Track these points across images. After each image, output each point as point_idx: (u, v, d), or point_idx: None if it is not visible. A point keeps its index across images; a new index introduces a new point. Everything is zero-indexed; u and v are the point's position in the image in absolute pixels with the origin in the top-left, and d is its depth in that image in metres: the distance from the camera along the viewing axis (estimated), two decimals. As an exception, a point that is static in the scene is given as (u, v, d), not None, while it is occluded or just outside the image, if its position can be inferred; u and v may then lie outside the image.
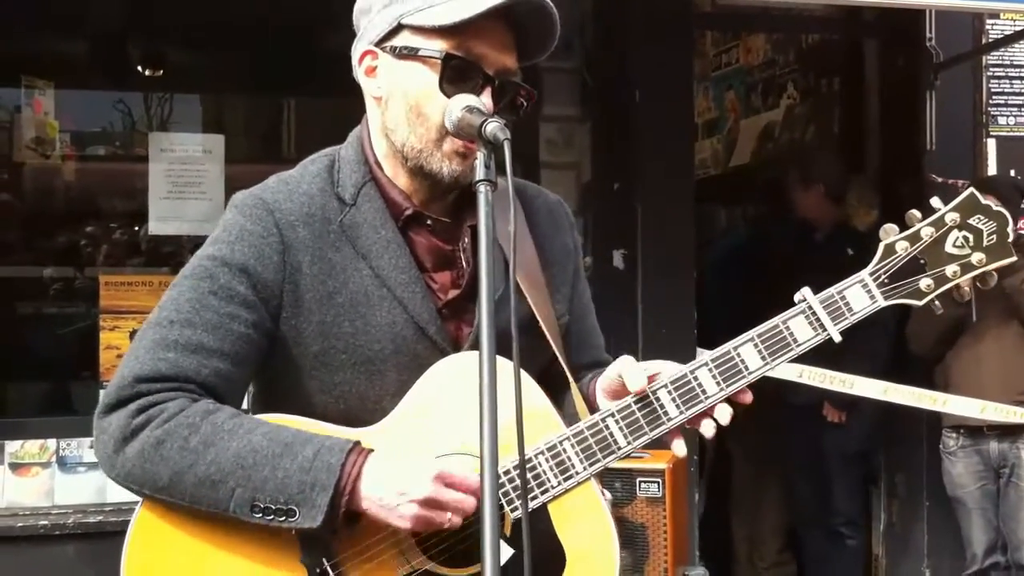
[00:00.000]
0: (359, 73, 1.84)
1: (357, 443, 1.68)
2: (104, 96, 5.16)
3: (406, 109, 1.76)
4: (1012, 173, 5.32)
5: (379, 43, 1.79)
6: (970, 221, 1.71)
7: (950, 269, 1.72)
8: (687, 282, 4.78)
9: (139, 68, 5.15)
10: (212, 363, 1.70)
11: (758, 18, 5.77)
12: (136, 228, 4.82)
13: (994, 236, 1.71)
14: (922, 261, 1.72)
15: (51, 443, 4.30)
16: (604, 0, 4.54)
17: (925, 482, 5.21)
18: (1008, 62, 5.48)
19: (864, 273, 1.72)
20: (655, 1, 4.17)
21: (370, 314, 1.76)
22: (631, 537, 3.50)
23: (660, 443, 1.78)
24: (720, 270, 5.87)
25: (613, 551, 1.73)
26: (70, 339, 4.83)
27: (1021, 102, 5.47)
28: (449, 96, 1.71)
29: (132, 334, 4.43)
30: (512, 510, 1.71)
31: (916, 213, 1.73)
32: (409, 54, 1.75)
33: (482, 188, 1.54)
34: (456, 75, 1.72)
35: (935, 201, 1.73)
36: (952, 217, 1.71)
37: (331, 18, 4.84)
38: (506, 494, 1.71)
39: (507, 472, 1.69)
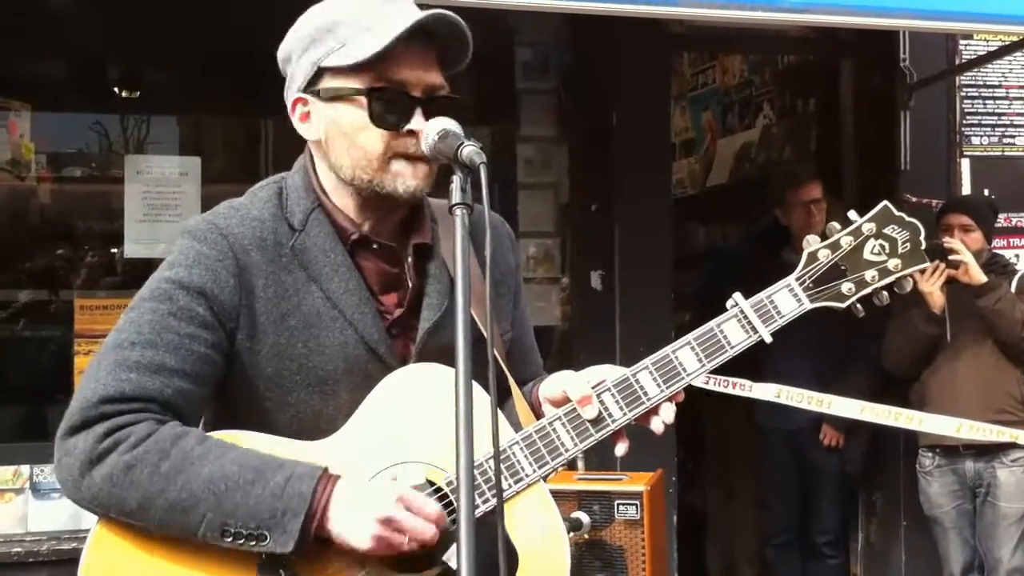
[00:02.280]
0: (293, 120, 1.88)
1: (325, 470, 1.71)
2: (80, 118, 5.14)
3: (346, 147, 1.81)
4: (986, 192, 5.36)
5: (306, 89, 1.84)
6: (885, 231, 1.84)
7: (869, 274, 1.83)
8: (665, 302, 4.79)
9: (115, 90, 5.13)
10: (174, 383, 1.73)
11: (734, 39, 5.81)
12: (112, 250, 4.79)
13: (908, 244, 1.84)
14: (843, 267, 1.84)
15: (24, 469, 4.27)
16: (581, 21, 4.55)
17: (903, 501, 5.22)
18: (981, 82, 5.52)
19: (791, 278, 1.84)
20: (632, 22, 4.19)
21: (322, 335, 1.81)
22: (609, 560, 3.49)
23: (605, 444, 1.85)
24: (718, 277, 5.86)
25: (564, 550, 1.80)
26: (44, 363, 4.79)
27: (994, 122, 5.52)
28: (381, 127, 1.77)
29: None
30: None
31: (835, 224, 1.85)
32: (336, 96, 1.81)
33: (458, 211, 1.58)
34: (383, 105, 1.78)
35: (852, 214, 1.86)
36: (869, 227, 1.84)
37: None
38: (459, 499, 1.71)
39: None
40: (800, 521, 5.40)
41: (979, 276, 4.42)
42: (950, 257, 4.43)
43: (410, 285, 1.88)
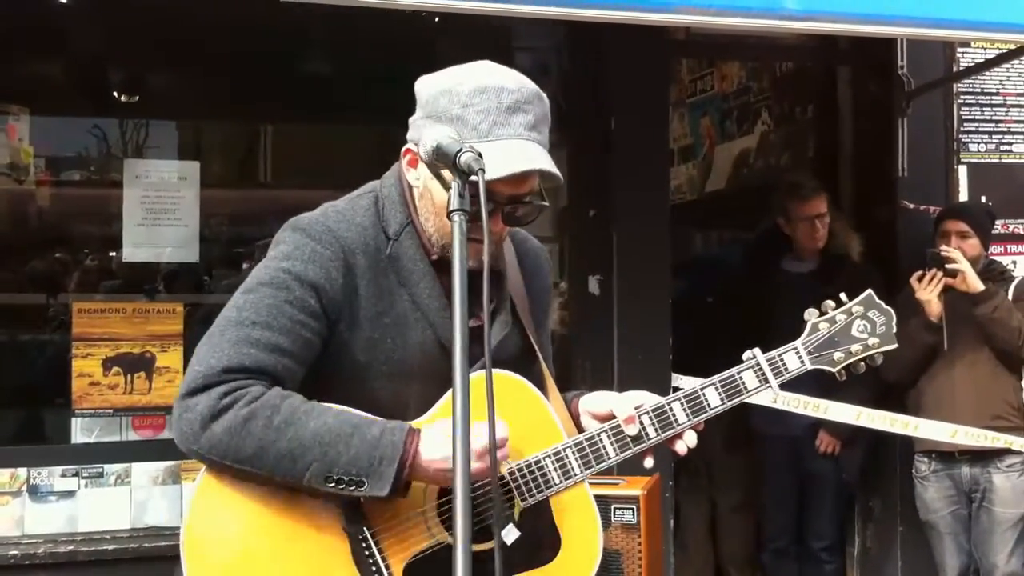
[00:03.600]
0: (403, 159, 2.11)
1: (411, 425, 1.98)
2: (79, 122, 5.14)
3: (432, 211, 2.07)
4: (983, 199, 5.37)
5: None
6: (868, 314, 2.26)
7: (854, 347, 2.25)
8: (662, 308, 4.80)
9: (115, 94, 5.14)
10: (284, 362, 1.99)
11: (732, 46, 5.82)
12: (110, 254, 4.80)
13: (884, 327, 2.27)
14: (836, 339, 2.25)
15: (22, 472, 4.27)
16: (580, 27, 4.56)
17: (899, 507, 5.22)
18: (979, 90, 5.54)
19: (797, 343, 2.24)
20: (630, 28, 4.20)
21: (408, 334, 2.07)
22: (606, 564, 3.47)
23: (633, 460, 2.17)
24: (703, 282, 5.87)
25: (599, 538, 2.13)
26: (42, 366, 4.79)
27: (991, 129, 5.53)
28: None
29: (105, 361, 4.40)
30: (522, 499, 2.07)
31: (831, 303, 2.26)
32: (436, 175, 1.96)
33: (456, 218, 1.66)
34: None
35: (843, 296, 2.27)
36: (857, 309, 2.26)
37: (307, 45, 4.86)
38: (518, 487, 2.07)
39: (520, 470, 2.07)
40: (797, 526, 5.41)
41: (976, 284, 4.42)
42: (947, 266, 4.44)
43: (487, 303, 2.00)
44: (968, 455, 4.56)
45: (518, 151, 1.95)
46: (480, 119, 1.95)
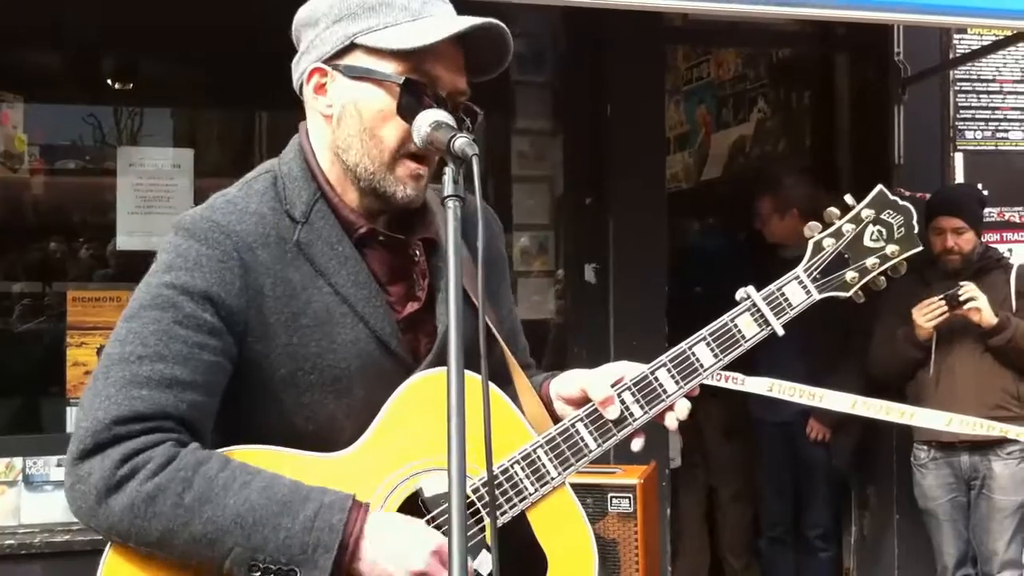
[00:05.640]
0: (306, 90, 1.81)
1: (355, 499, 1.66)
2: (73, 110, 5.12)
3: (359, 130, 1.75)
4: (980, 187, 5.36)
5: (329, 60, 1.77)
6: (882, 216, 1.87)
7: (870, 261, 1.86)
8: (659, 296, 4.79)
9: (109, 81, 5.12)
10: (188, 396, 1.65)
11: (729, 33, 5.80)
12: (104, 243, 4.78)
13: (903, 228, 1.87)
14: (846, 256, 1.86)
15: (17, 461, 4.27)
16: (576, 14, 4.55)
17: (895, 495, 5.23)
18: (975, 77, 5.52)
19: (799, 270, 1.86)
20: (626, 15, 4.19)
21: (334, 332, 1.74)
22: (602, 554, 3.45)
23: (622, 443, 1.84)
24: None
25: (591, 551, 1.78)
26: (37, 355, 4.78)
27: (988, 116, 5.52)
28: (406, 120, 1.70)
29: (99, 350, 4.38)
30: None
31: (835, 210, 1.87)
32: (364, 75, 1.74)
33: (451, 203, 1.54)
34: (414, 98, 1.71)
35: (848, 198, 1.88)
36: (867, 213, 1.87)
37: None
38: (486, 505, 1.73)
39: (485, 485, 1.72)
40: (794, 515, 5.41)
41: (991, 320, 4.43)
42: (967, 306, 4.42)
43: (421, 280, 1.84)
44: (968, 443, 4.56)
45: (458, 19, 1.73)
46: None
